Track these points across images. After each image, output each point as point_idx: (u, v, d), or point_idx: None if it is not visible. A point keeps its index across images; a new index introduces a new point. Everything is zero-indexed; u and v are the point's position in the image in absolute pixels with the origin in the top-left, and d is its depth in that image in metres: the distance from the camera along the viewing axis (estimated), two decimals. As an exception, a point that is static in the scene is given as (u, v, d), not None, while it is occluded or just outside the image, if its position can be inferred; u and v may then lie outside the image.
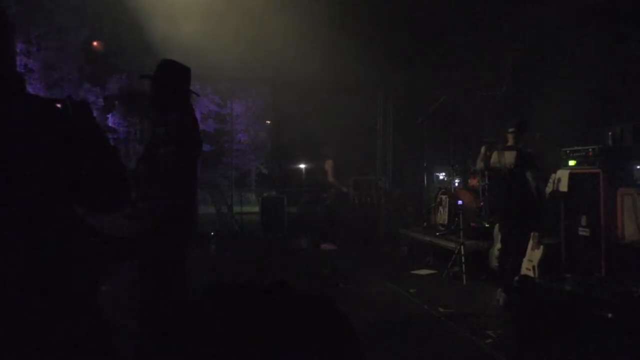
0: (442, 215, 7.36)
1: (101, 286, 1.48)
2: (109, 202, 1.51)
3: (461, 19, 7.77)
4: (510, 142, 4.95)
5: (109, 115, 10.21)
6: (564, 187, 5.36)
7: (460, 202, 6.55)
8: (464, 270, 5.65)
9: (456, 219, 6.62)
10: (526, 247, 5.00)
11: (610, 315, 3.57)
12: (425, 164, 8.26)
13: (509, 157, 4.84)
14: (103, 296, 1.49)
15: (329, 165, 8.98)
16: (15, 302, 1.22)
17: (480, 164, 5.39)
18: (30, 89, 1.63)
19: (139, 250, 2.85)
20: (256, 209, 9.42)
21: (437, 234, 7.05)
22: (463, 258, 5.72)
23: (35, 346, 1.23)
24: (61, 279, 1.30)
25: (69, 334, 1.29)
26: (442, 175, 8.85)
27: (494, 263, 5.67)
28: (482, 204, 7.00)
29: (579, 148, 5.34)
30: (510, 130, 4.93)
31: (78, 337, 1.31)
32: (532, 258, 5.09)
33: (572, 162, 5.40)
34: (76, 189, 1.39)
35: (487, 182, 6.87)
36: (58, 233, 1.33)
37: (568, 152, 5.47)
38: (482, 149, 5.29)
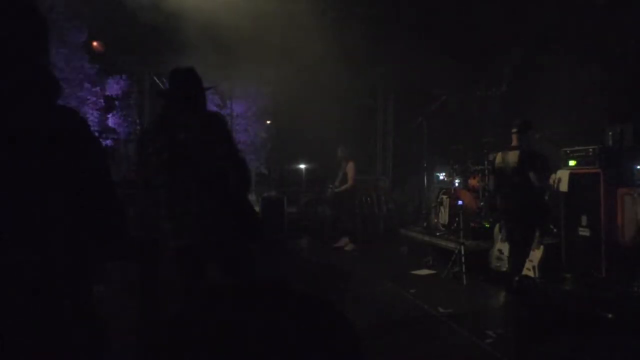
0: (443, 215, 7.36)
1: (99, 286, 1.46)
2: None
3: (461, 17, 7.77)
4: (514, 143, 4.95)
5: (109, 116, 10.19)
6: (564, 187, 5.36)
7: (460, 202, 6.55)
8: (464, 270, 5.64)
9: (456, 219, 6.62)
10: (530, 247, 5.00)
11: (610, 315, 3.58)
12: (425, 164, 8.25)
13: (513, 157, 4.84)
14: (103, 296, 1.48)
15: (350, 167, 8.76)
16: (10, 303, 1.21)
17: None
18: None
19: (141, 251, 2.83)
20: (256, 209, 9.41)
21: (437, 234, 7.05)
22: (463, 258, 5.72)
23: (32, 347, 1.22)
24: (57, 280, 1.30)
25: (65, 334, 1.29)
26: (442, 175, 8.84)
27: (494, 263, 5.67)
28: (482, 204, 7.00)
29: (579, 148, 5.33)
30: (514, 130, 4.93)
31: (75, 338, 1.31)
32: (532, 258, 5.10)
33: (572, 162, 5.39)
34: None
35: (487, 182, 6.86)
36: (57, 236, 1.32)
37: (568, 152, 5.47)
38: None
